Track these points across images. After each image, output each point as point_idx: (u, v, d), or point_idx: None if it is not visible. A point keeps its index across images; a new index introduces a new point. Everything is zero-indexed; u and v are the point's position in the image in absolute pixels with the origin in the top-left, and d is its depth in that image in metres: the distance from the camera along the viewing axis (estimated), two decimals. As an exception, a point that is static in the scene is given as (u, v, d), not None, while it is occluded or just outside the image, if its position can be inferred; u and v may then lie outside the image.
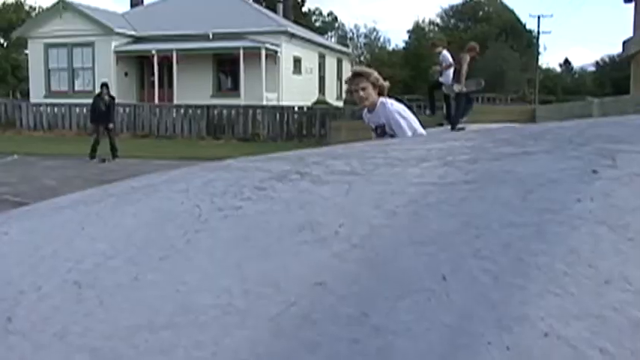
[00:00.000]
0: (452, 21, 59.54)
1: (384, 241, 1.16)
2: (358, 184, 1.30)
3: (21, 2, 49.14)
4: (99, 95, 17.13)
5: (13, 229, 1.61)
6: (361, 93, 4.78)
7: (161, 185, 1.60)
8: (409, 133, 4.58)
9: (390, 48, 60.91)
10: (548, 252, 1.08)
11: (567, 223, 1.13)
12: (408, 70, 48.20)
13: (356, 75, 4.99)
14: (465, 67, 14.91)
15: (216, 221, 1.30)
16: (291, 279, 1.13)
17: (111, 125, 16.97)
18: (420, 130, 4.76)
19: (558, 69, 65.34)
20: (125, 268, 1.25)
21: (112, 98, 17.33)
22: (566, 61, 65.51)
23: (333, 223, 1.19)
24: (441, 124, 16.14)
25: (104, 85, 17.40)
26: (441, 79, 15.85)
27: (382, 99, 4.86)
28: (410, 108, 5.06)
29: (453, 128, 15.41)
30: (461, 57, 14.97)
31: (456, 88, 15.23)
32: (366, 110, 4.94)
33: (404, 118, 4.74)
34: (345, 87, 35.64)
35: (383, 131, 4.77)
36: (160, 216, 1.39)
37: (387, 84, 4.92)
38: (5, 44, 44.58)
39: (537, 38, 52.70)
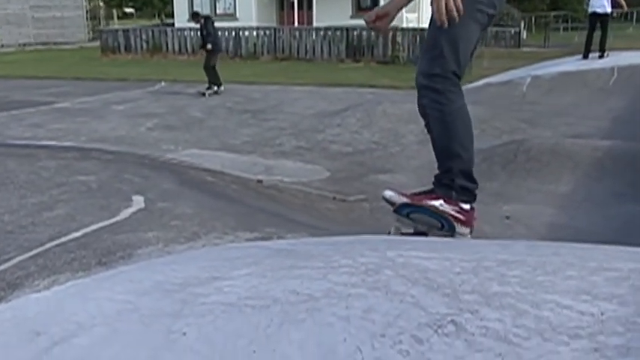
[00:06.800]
0: None
1: None
2: (510, 359, 1.38)
3: None
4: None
5: (191, 331, 1.81)
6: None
7: (322, 301, 1.74)
8: None
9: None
10: None
11: None
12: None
13: None
14: None
15: (377, 381, 1.43)
16: None
17: (208, 47, 16.31)
18: None
19: None
20: None
21: (206, 19, 16.62)
22: None
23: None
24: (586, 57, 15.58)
25: (193, 14, 17.23)
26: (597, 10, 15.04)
27: None
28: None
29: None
30: None
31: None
32: None
33: None
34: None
35: None
36: (324, 357, 1.53)
37: None
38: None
39: None
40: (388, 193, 3.26)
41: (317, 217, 5.93)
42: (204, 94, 15.96)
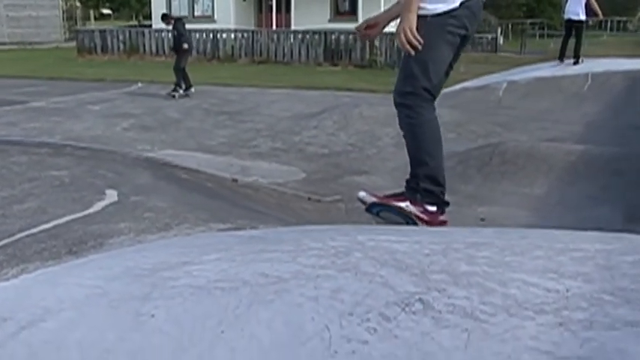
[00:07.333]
0: None
1: None
2: (476, 334, 1.39)
3: None
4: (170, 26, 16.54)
5: (160, 313, 1.80)
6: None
7: (291, 282, 1.74)
8: None
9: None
10: None
11: None
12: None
13: None
14: None
15: (345, 358, 1.43)
16: None
17: (185, 46, 16.09)
18: None
19: None
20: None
21: (176, 21, 16.47)
22: None
23: (451, 392, 1.31)
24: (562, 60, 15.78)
25: (162, 16, 16.90)
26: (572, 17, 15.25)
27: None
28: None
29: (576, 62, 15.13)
30: None
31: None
32: None
33: None
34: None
35: None
36: (292, 335, 1.53)
37: None
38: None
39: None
40: (361, 194, 3.67)
41: (292, 216, 5.93)
42: (173, 97, 15.79)
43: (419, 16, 3.25)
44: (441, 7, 3.28)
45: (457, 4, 3.29)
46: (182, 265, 2.08)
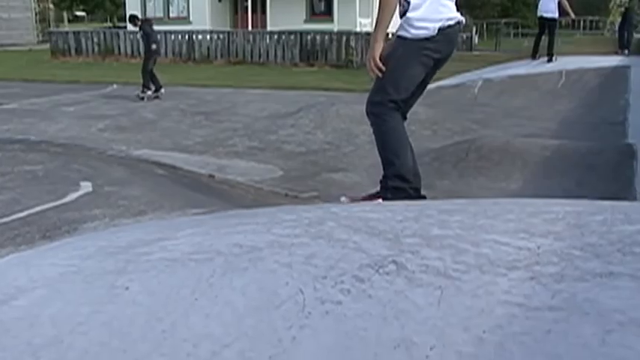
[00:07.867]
0: None
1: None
2: (449, 291, 1.40)
3: None
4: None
5: (134, 285, 1.79)
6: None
7: (266, 251, 1.74)
8: None
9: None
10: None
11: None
12: (508, -8, 46.25)
13: None
14: None
15: (319, 318, 1.44)
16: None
17: (153, 47, 15.72)
18: None
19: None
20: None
21: (143, 22, 16.34)
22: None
23: (424, 345, 1.31)
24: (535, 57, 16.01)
25: (130, 18, 16.69)
26: (545, 14, 15.47)
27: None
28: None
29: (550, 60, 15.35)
30: None
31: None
32: None
33: None
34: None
35: None
36: (267, 300, 1.54)
37: None
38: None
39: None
40: (342, 199, 4.01)
41: (269, 210, 5.90)
42: (142, 99, 15.59)
43: (400, 37, 3.70)
44: (422, 34, 3.64)
45: (436, 32, 3.64)
46: (157, 241, 2.07)
